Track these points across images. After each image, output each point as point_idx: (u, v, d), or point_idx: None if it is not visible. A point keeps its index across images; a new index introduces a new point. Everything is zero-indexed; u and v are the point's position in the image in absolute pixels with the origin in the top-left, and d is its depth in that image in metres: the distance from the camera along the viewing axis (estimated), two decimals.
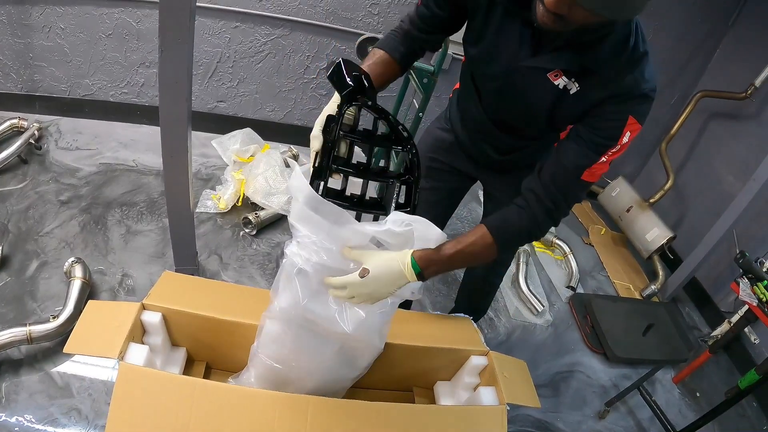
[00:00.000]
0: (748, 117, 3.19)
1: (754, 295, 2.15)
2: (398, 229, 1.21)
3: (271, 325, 1.39)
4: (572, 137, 1.23)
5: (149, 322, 1.45)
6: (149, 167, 2.99)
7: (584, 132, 1.20)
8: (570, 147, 1.23)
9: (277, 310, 1.32)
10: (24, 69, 3.06)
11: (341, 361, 1.44)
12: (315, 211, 1.18)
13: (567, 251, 3.29)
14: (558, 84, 1.22)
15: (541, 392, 2.05)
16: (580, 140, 1.21)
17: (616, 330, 2.78)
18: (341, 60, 1.23)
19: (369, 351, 1.45)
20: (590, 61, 1.15)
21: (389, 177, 1.37)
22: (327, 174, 1.28)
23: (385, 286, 1.20)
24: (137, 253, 2.44)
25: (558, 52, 1.19)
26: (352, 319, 1.29)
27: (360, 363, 1.48)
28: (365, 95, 1.25)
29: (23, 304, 2.09)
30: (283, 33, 3.10)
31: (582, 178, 1.24)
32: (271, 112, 3.45)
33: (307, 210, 1.18)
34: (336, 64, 1.23)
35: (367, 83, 1.25)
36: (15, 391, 1.79)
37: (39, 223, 2.47)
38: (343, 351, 1.40)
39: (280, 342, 1.39)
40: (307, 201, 1.18)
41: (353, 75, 1.23)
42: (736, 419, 2.58)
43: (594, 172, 1.23)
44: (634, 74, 1.13)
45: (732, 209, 2.80)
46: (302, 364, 1.42)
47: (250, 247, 2.66)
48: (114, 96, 3.25)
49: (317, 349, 1.38)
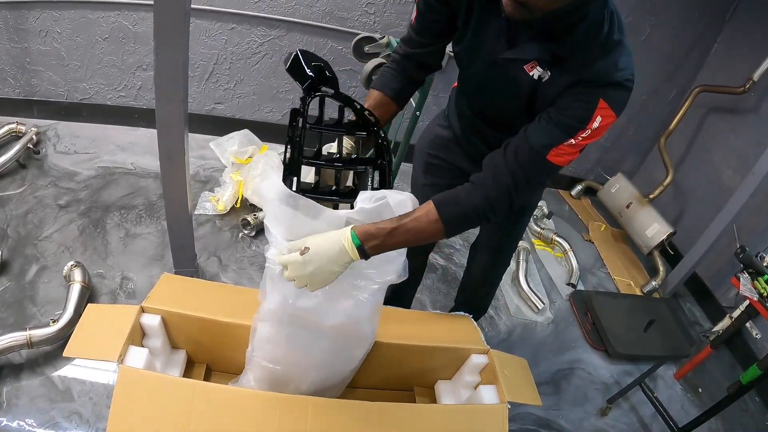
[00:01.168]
0: (747, 111, 3.19)
1: (755, 290, 2.14)
2: (369, 206, 1.19)
3: (263, 327, 1.39)
4: (542, 117, 1.21)
5: (149, 325, 1.45)
6: (147, 170, 2.99)
7: (554, 113, 1.18)
8: (538, 126, 1.21)
9: (266, 311, 1.32)
10: (21, 73, 3.06)
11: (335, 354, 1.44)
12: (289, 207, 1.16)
13: (567, 248, 3.28)
14: (533, 75, 1.22)
15: (542, 390, 2.05)
16: (549, 120, 1.19)
17: (617, 326, 2.78)
18: (298, 51, 1.22)
19: (362, 341, 1.45)
20: (562, 49, 1.16)
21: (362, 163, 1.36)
22: (299, 168, 1.27)
23: (327, 263, 1.15)
24: (136, 256, 2.44)
25: (531, 43, 1.20)
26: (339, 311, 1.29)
27: (355, 354, 1.48)
28: (327, 84, 1.24)
29: (23, 308, 2.09)
30: (279, 34, 3.10)
31: (548, 158, 1.21)
32: (268, 113, 3.45)
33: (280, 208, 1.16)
34: (294, 56, 1.22)
35: (329, 72, 1.24)
36: (16, 396, 1.79)
37: (38, 227, 2.47)
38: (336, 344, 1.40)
39: (273, 342, 1.39)
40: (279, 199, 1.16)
41: (312, 65, 1.22)
42: (738, 414, 2.57)
43: (561, 154, 1.20)
44: (606, 61, 1.12)
45: (732, 204, 2.80)
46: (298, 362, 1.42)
47: (249, 249, 2.66)
48: (111, 99, 3.24)
49: (310, 345, 1.38)
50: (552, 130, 1.18)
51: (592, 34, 1.12)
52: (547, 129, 1.19)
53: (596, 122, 1.14)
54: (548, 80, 1.21)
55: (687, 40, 3.46)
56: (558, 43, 1.16)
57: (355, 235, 1.15)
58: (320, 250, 1.14)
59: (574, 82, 1.15)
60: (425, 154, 1.79)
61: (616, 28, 1.14)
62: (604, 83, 1.13)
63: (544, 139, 1.19)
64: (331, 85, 1.25)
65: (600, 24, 1.12)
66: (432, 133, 1.80)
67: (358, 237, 1.15)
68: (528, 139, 1.21)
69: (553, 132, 1.18)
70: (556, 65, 1.19)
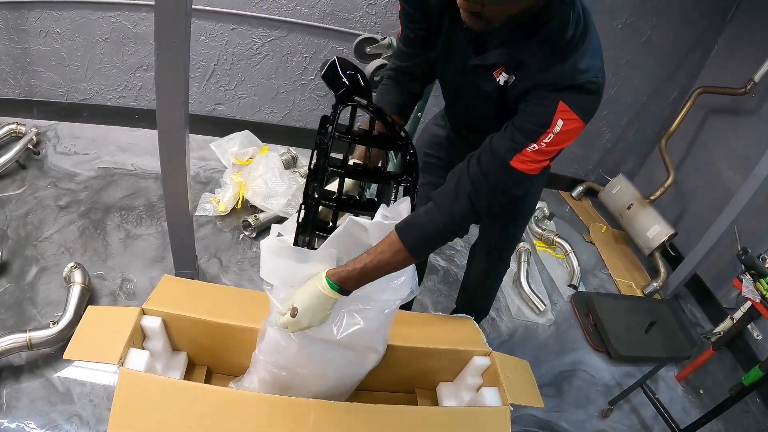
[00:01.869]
0: (748, 112, 3.18)
1: (757, 292, 2.14)
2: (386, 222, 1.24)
3: (273, 334, 1.39)
4: (507, 125, 1.20)
5: (149, 327, 1.45)
6: (148, 171, 2.98)
7: (516, 119, 1.18)
8: (503, 133, 1.20)
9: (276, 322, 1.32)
10: (21, 74, 3.05)
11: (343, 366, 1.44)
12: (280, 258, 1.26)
13: (568, 250, 3.28)
14: (499, 80, 1.23)
15: (544, 391, 2.04)
16: (511, 125, 1.18)
17: (619, 328, 2.78)
18: (336, 58, 1.22)
19: (371, 356, 1.45)
20: (523, 53, 1.16)
21: (386, 177, 1.36)
22: (324, 175, 1.27)
23: (317, 312, 1.24)
24: (137, 257, 2.43)
25: (497, 49, 1.21)
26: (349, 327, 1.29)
27: (363, 369, 1.48)
28: (360, 94, 1.23)
29: (23, 310, 2.08)
30: (280, 34, 3.09)
31: (511, 164, 1.18)
32: (269, 114, 3.44)
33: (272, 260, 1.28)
34: (330, 62, 1.21)
35: (363, 82, 1.23)
36: (16, 398, 1.78)
37: (38, 228, 2.46)
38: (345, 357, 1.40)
39: (281, 351, 1.38)
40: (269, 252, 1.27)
41: (348, 74, 1.21)
42: (740, 416, 2.57)
43: (525, 161, 1.17)
44: (564, 64, 1.11)
45: (733, 205, 2.79)
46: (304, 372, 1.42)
47: (250, 250, 2.65)
48: (112, 100, 3.24)
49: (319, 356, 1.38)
50: (514, 135, 1.17)
51: (554, 36, 1.11)
52: (510, 134, 1.18)
53: (558, 126, 1.12)
54: (512, 84, 1.21)
55: (688, 40, 3.45)
56: (519, 47, 1.16)
57: (331, 282, 1.22)
58: (305, 305, 1.23)
59: (532, 86, 1.15)
60: (422, 153, 1.79)
61: (581, 29, 1.12)
62: (562, 87, 1.11)
63: (506, 144, 1.18)
64: (365, 95, 1.24)
65: (563, 26, 1.10)
66: (429, 133, 1.82)
67: (334, 284, 1.22)
68: (492, 146, 1.20)
69: (515, 136, 1.17)
70: (519, 70, 1.19)
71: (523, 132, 1.16)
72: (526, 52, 1.15)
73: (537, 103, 1.14)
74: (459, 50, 1.29)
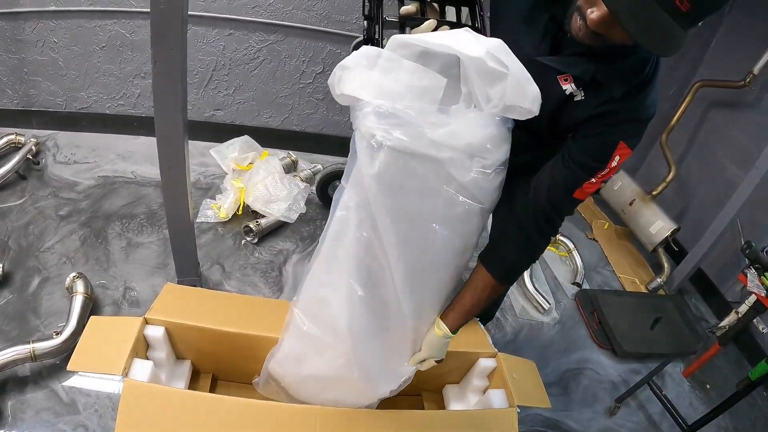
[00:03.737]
0: (748, 105, 3.17)
1: (762, 286, 2.13)
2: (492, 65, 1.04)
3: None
4: (565, 157, 1.24)
5: (152, 337, 1.44)
6: (148, 178, 2.98)
7: (575, 152, 1.22)
8: (562, 167, 1.24)
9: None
10: (19, 84, 3.05)
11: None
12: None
13: (571, 247, 3.27)
14: (566, 89, 1.20)
15: (550, 391, 2.03)
16: (571, 161, 1.23)
17: (624, 325, 2.76)
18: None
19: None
20: (603, 74, 1.14)
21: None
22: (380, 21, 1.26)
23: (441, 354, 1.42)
24: (139, 266, 2.43)
25: (575, 57, 1.17)
26: None
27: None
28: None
29: (26, 321, 2.08)
30: (277, 39, 3.09)
31: (574, 196, 1.27)
32: (268, 119, 3.44)
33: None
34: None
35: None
36: (21, 409, 1.78)
37: (39, 238, 2.46)
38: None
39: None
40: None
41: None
42: (747, 409, 2.56)
43: (584, 191, 1.26)
44: (638, 98, 1.13)
45: (735, 198, 2.78)
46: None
47: (252, 256, 2.65)
48: (110, 108, 3.23)
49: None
50: (576, 173, 1.23)
51: (636, 69, 1.12)
52: (571, 172, 1.23)
53: (614, 161, 1.19)
54: (581, 102, 1.20)
55: None
56: (601, 66, 1.14)
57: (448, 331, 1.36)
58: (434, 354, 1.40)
59: (602, 112, 1.17)
60: None
61: (654, 66, 1.14)
62: (629, 119, 1.15)
63: (570, 178, 1.24)
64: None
65: (645, 61, 1.12)
66: None
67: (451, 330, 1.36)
68: (556, 180, 1.26)
69: (577, 174, 1.23)
70: (591, 88, 1.18)
71: (583, 168, 1.22)
72: (605, 74, 1.14)
73: (597, 138, 1.20)
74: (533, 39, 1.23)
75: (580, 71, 1.16)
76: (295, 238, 2.82)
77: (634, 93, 1.13)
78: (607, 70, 1.13)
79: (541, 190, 1.28)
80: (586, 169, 1.21)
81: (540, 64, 1.20)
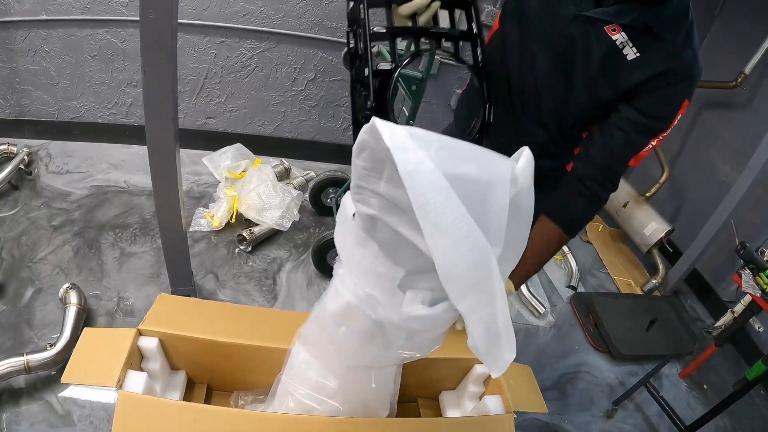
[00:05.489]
0: (740, 105, 3.18)
1: (757, 286, 2.13)
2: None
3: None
4: (621, 124, 1.17)
5: (146, 348, 1.42)
6: (141, 188, 2.97)
7: (635, 116, 1.15)
8: (619, 134, 1.18)
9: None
10: (11, 94, 3.04)
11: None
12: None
13: (566, 250, 3.27)
14: (615, 39, 1.11)
15: (547, 395, 2.03)
16: (631, 126, 1.16)
17: (620, 327, 2.77)
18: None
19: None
20: (653, 19, 1.06)
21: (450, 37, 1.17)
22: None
23: None
24: (133, 276, 2.42)
25: (620, 5, 1.09)
26: None
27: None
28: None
29: (20, 332, 2.06)
30: (269, 46, 3.09)
31: (629, 164, 1.22)
32: (260, 126, 3.43)
33: None
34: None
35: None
36: (16, 422, 1.77)
37: (32, 249, 2.44)
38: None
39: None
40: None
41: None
42: (744, 409, 2.56)
43: (640, 157, 1.21)
44: (692, 49, 1.09)
45: (729, 199, 2.79)
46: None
47: (246, 264, 2.64)
48: (102, 117, 3.22)
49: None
50: (636, 138, 1.17)
51: (683, 12, 1.07)
52: (630, 138, 1.17)
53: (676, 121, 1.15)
54: (636, 60, 1.11)
55: None
56: (650, 11, 1.06)
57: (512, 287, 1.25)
58: None
59: (664, 70, 1.09)
60: None
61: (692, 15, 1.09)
62: (691, 75, 1.10)
63: (628, 148, 1.19)
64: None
65: (687, 5, 1.07)
66: None
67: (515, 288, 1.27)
68: (613, 150, 1.20)
69: (637, 140, 1.17)
70: (645, 43, 1.09)
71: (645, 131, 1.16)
72: (658, 19, 1.06)
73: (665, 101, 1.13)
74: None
75: (629, 19, 1.08)
76: (288, 246, 2.81)
77: (687, 42, 1.08)
78: (656, 14, 1.06)
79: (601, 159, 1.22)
80: (647, 132, 1.15)
81: (584, 19, 1.13)
